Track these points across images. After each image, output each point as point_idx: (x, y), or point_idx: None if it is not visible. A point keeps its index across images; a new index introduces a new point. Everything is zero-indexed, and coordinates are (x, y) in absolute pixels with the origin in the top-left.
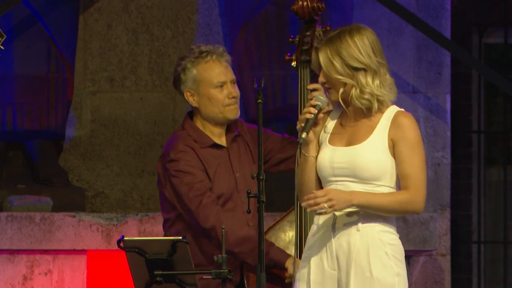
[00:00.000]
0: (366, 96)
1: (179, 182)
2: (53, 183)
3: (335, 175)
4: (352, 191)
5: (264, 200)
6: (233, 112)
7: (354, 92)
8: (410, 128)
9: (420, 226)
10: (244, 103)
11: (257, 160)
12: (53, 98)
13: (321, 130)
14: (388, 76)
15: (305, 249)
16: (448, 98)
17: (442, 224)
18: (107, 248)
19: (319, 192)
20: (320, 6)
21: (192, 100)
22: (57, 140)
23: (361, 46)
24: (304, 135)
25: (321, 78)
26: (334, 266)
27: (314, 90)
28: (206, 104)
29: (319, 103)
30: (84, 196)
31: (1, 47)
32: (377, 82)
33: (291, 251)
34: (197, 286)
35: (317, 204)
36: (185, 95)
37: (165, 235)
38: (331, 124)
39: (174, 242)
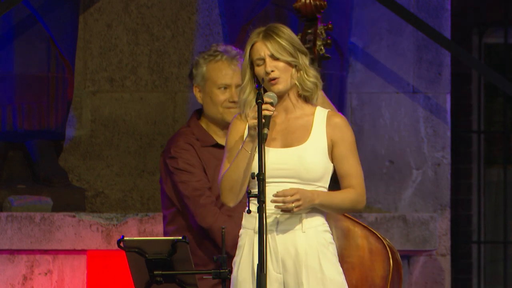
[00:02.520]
0: (312, 79)
1: (178, 180)
2: (53, 183)
3: (275, 176)
4: (314, 190)
5: (264, 200)
6: (231, 115)
7: (302, 74)
8: (347, 128)
9: (420, 226)
10: None
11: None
12: (53, 98)
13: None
14: None
15: (241, 253)
16: (448, 98)
17: (442, 224)
18: (107, 248)
19: (288, 191)
20: (322, 3)
21: (199, 97)
22: (57, 140)
23: (294, 36)
24: (266, 130)
25: (269, 68)
26: (279, 269)
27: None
28: (208, 102)
29: (272, 100)
30: (84, 196)
31: None
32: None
33: None
34: (197, 286)
35: (284, 203)
36: (194, 89)
37: (164, 231)
38: None
39: (174, 242)
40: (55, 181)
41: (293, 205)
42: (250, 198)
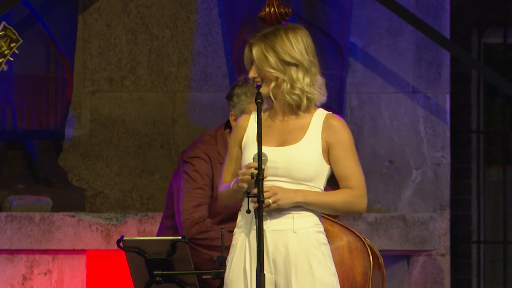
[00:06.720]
0: (297, 92)
1: (184, 185)
2: (53, 183)
3: (268, 175)
4: (298, 189)
5: (264, 200)
6: None
7: (285, 86)
8: (344, 131)
9: (420, 226)
10: None
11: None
12: (52, 98)
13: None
14: (319, 77)
15: (234, 252)
16: (447, 98)
17: (442, 224)
18: (107, 248)
19: (265, 188)
20: (287, 11)
21: (233, 124)
22: (56, 140)
23: (294, 43)
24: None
25: (253, 73)
26: (271, 269)
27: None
28: None
29: (253, 169)
30: (83, 196)
31: (4, 67)
32: (307, 80)
33: None
34: (197, 286)
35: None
36: (229, 115)
37: (161, 222)
38: (255, 122)
39: (174, 242)
40: (55, 181)
41: (271, 200)
42: (250, 198)
